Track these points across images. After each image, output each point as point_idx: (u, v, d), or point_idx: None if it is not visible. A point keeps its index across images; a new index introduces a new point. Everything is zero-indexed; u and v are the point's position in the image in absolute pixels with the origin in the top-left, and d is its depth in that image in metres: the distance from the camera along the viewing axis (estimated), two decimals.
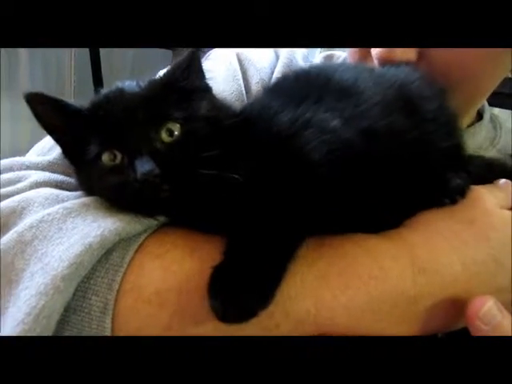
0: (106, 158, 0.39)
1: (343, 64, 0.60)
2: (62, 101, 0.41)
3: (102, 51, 1.71)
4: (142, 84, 0.42)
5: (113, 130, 0.39)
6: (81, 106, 0.41)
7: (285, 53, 0.63)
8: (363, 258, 0.38)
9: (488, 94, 0.61)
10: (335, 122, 0.39)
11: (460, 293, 0.38)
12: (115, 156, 0.38)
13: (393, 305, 0.37)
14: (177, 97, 0.40)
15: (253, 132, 0.40)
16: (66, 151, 0.43)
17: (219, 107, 0.43)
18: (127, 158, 0.38)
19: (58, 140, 0.43)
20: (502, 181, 0.47)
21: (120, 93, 0.41)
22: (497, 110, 0.86)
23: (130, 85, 0.42)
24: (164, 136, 0.38)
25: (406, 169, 0.42)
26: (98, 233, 0.35)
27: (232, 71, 0.57)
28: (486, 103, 0.68)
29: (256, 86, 0.57)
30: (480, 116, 0.67)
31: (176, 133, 0.39)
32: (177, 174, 0.37)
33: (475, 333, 0.36)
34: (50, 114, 0.41)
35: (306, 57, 0.66)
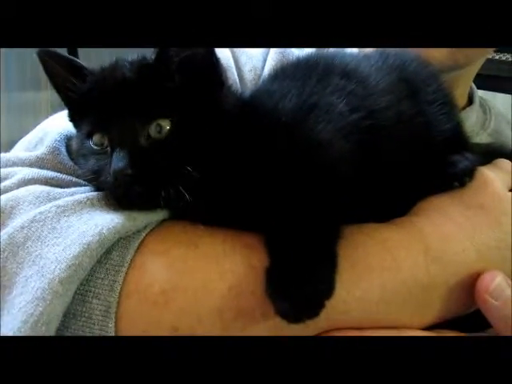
0: (96, 139, 0.38)
1: (340, 51, 0.59)
2: (74, 61, 0.40)
3: (80, 50, 1.65)
4: (139, 63, 0.38)
5: (103, 114, 0.37)
6: (92, 71, 0.40)
7: None
8: (375, 249, 0.37)
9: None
10: (341, 106, 0.38)
11: (473, 279, 0.37)
12: (104, 140, 0.37)
13: (407, 295, 0.36)
14: (177, 87, 0.37)
15: (257, 121, 0.38)
16: (70, 114, 0.42)
17: (228, 103, 0.39)
18: (110, 147, 0.37)
19: (64, 100, 0.42)
20: (502, 160, 0.47)
21: (113, 70, 0.38)
22: (481, 92, 0.86)
23: (123, 63, 0.39)
24: (152, 131, 0.36)
25: (411, 153, 0.42)
26: (96, 231, 0.33)
27: (224, 60, 0.55)
28: (475, 87, 0.68)
29: (249, 74, 0.55)
30: (470, 100, 0.67)
31: (167, 128, 0.36)
32: (151, 178, 0.35)
33: (485, 309, 0.36)
34: (59, 72, 0.40)
35: None
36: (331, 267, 0.33)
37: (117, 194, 0.36)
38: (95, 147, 0.38)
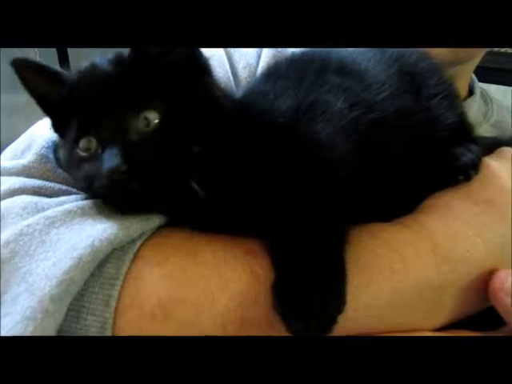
0: (83, 144, 0.36)
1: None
2: (49, 67, 0.38)
3: (70, 51, 1.62)
4: (116, 58, 0.37)
5: (88, 115, 0.35)
6: (69, 75, 0.38)
7: None
8: (383, 250, 0.35)
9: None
10: (339, 104, 0.36)
11: (485, 276, 0.36)
12: (91, 143, 0.35)
13: (418, 298, 0.34)
14: (160, 77, 0.36)
15: (252, 121, 0.36)
16: (54, 124, 0.40)
17: (217, 94, 0.38)
18: (100, 147, 0.35)
19: (46, 111, 0.40)
20: (506, 149, 0.46)
21: (92, 71, 0.37)
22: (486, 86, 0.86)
23: (102, 61, 0.37)
24: (141, 125, 0.34)
25: (415, 149, 0.40)
26: (88, 243, 0.31)
27: (217, 57, 0.53)
28: (476, 79, 0.67)
29: (243, 72, 0.53)
30: (471, 92, 0.65)
31: (156, 121, 0.34)
32: (148, 172, 0.33)
33: (500, 307, 0.35)
34: (36, 81, 0.38)
35: None
36: (341, 279, 0.31)
37: (115, 196, 0.34)
38: (83, 153, 0.36)
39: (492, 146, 0.48)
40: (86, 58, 0.39)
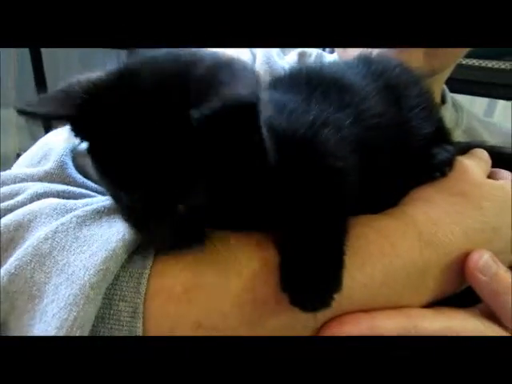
0: (125, 196, 0.35)
1: (322, 62, 0.63)
2: (36, 114, 0.34)
3: (44, 50, 1.58)
4: (165, 116, 0.31)
5: (125, 170, 0.32)
6: (61, 114, 0.34)
7: (261, 51, 0.64)
8: (374, 237, 0.40)
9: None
10: (347, 121, 0.42)
11: (463, 258, 0.41)
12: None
13: (405, 278, 0.39)
14: (210, 148, 0.32)
15: (275, 134, 0.38)
16: (74, 130, 0.36)
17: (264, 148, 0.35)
18: (144, 211, 0.34)
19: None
20: (479, 150, 0.52)
21: (130, 123, 0.32)
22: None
23: (144, 114, 0.32)
24: (190, 197, 0.34)
25: (399, 153, 0.46)
26: (120, 237, 0.35)
27: None
28: (447, 89, 0.74)
29: None
30: (443, 101, 0.72)
31: (205, 191, 0.34)
32: (194, 236, 0.36)
33: (475, 284, 0.40)
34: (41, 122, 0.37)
35: (280, 54, 0.68)
36: (340, 264, 0.36)
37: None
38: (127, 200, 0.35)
39: (465, 149, 0.54)
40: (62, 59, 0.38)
